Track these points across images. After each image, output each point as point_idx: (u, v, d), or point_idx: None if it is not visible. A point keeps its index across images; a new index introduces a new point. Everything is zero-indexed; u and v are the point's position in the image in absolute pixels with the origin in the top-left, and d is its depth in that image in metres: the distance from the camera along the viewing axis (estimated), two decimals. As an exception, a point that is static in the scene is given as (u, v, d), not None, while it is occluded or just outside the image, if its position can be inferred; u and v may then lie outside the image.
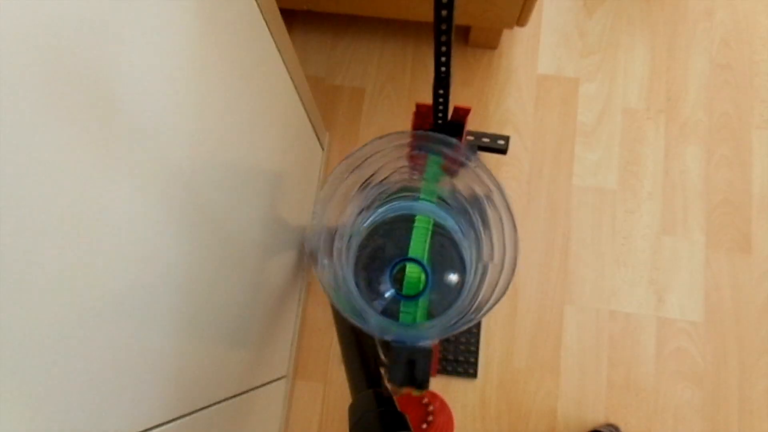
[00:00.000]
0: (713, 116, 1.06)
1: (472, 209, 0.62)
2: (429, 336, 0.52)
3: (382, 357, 0.61)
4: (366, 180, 0.61)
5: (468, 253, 0.67)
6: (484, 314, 0.50)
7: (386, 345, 0.60)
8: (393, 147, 0.57)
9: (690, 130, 1.06)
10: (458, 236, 0.69)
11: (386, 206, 0.70)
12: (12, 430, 0.27)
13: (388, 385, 0.53)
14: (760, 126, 1.06)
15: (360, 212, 0.66)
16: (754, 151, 1.05)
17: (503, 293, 0.50)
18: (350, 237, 0.65)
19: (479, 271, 0.60)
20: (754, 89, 1.07)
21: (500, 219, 0.54)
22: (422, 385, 0.48)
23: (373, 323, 0.54)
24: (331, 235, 0.58)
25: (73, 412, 0.32)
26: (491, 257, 0.57)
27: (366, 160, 0.56)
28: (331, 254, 0.57)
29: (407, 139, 0.58)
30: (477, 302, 0.55)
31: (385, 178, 0.64)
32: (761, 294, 0.98)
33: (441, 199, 0.69)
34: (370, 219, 0.70)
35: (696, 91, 1.07)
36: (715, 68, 1.09)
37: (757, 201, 1.02)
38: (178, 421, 0.48)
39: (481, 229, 0.61)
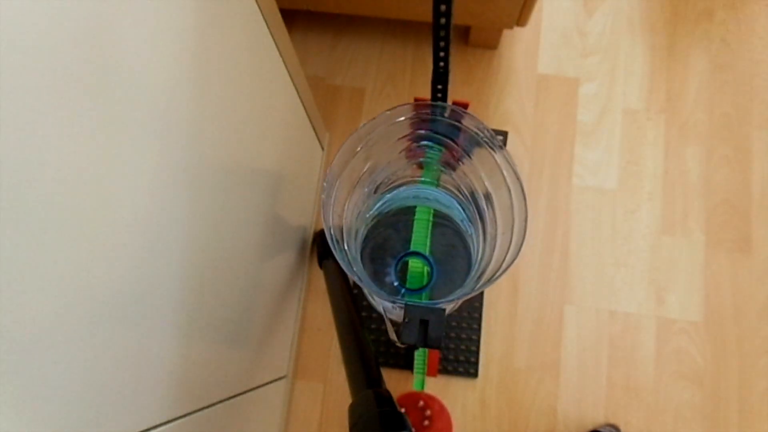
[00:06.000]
0: (713, 116, 1.06)
1: (476, 193, 0.62)
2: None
3: (393, 336, 0.61)
4: (373, 164, 0.61)
5: (473, 238, 0.67)
6: (499, 277, 0.51)
7: (396, 323, 0.60)
8: (401, 123, 0.56)
9: (690, 130, 1.06)
10: (464, 225, 0.69)
11: (393, 192, 0.69)
12: (12, 430, 0.27)
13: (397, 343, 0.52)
14: (760, 126, 1.06)
15: (366, 198, 0.65)
16: (754, 151, 1.05)
17: (516, 254, 0.51)
18: (356, 229, 0.65)
19: (487, 249, 0.60)
20: (754, 89, 1.07)
21: (507, 185, 0.54)
22: (435, 343, 0.48)
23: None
24: (339, 228, 0.57)
25: (73, 412, 0.32)
26: (496, 233, 0.57)
27: (375, 131, 0.55)
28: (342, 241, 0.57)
29: (419, 109, 0.56)
30: (487, 271, 0.55)
31: (389, 163, 0.64)
32: (761, 294, 0.98)
33: (447, 188, 0.69)
34: (376, 206, 0.70)
35: (696, 91, 1.07)
36: (715, 68, 1.09)
37: (757, 201, 1.02)
38: (178, 421, 0.48)
39: (486, 210, 0.61)
